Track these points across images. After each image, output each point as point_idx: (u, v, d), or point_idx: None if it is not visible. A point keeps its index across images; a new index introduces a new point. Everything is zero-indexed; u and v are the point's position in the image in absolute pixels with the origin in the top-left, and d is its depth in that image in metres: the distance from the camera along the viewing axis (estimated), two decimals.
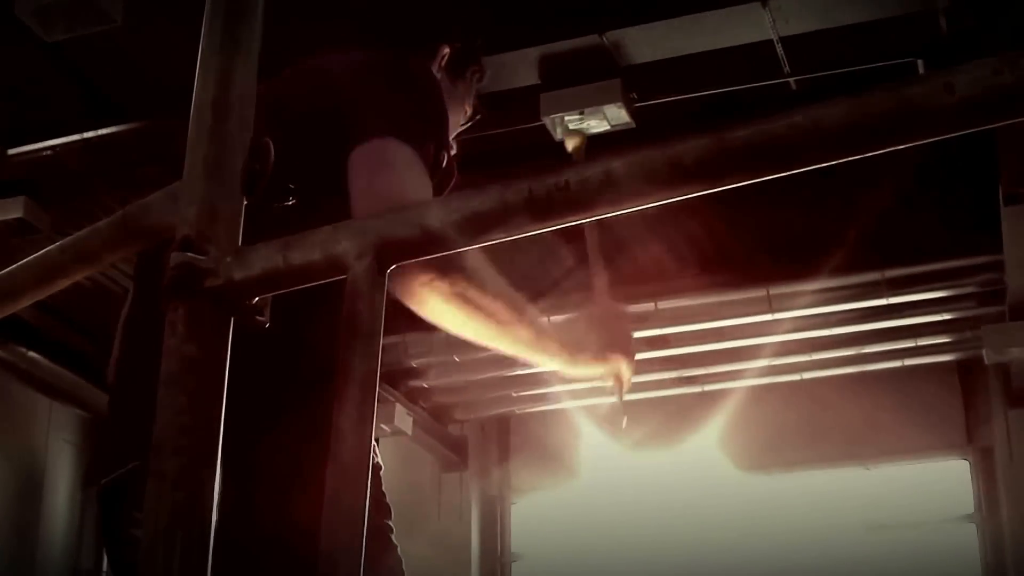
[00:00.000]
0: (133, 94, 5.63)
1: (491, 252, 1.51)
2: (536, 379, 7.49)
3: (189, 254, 1.14)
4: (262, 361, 1.60)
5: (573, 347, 2.20)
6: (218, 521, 1.14)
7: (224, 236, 1.18)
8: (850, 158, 1.00)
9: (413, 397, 7.89)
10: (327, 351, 1.19)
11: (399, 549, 2.00)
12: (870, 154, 0.99)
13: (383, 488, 2.02)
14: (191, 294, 1.13)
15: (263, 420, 1.79)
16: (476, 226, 1.07)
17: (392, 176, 1.91)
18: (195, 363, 1.11)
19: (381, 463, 2.01)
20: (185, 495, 1.09)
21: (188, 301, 1.13)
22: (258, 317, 1.15)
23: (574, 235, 2.26)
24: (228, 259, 1.16)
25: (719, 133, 1.01)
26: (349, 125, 1.97)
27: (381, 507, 1.99)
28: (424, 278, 1.90)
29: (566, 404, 7.54)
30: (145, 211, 1.30)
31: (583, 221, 1.15)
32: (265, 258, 1.15)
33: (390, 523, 2.01)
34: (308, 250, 1.13)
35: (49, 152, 5.85)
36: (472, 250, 1.78)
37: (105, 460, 1.97)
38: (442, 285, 1.91)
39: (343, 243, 1.11)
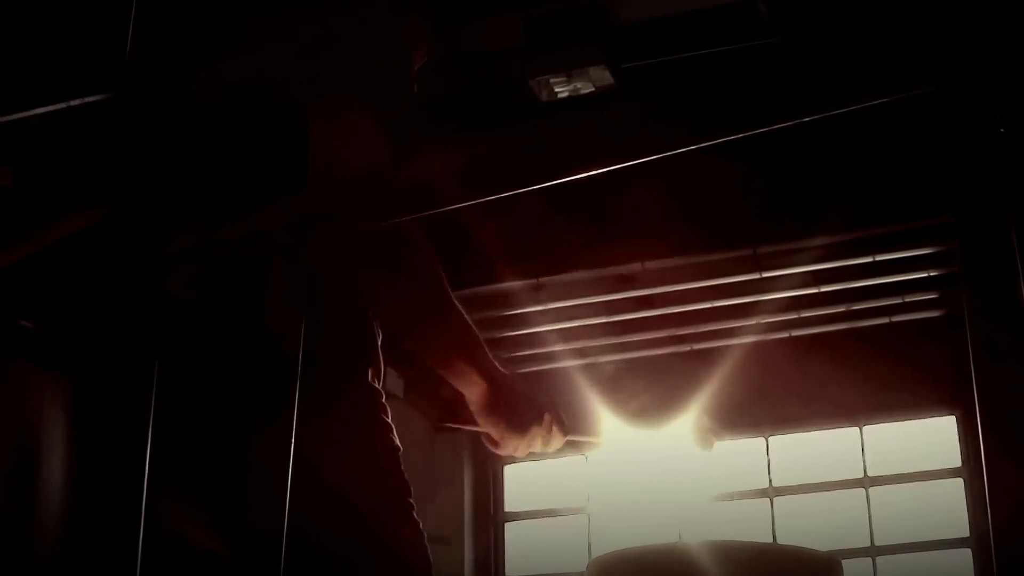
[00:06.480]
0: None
1: None
2: (527, 340, 7.52)
3: (118, 229, 1.16)
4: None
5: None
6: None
7: (155, 210, 1.19)
8: None
9: (404, 359, 7.87)
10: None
11: (421, 524, 2.08)
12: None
13: (403, 467, 2.10)
14: (120, 269, 1.15)
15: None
16: (398, 203, 1.09)
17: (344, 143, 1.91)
18: (122, 337, 1.12)
19: (400, 446, 2.09)
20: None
21: (116, 276, 1.14)
22: (187, 291, 1.17)
23: None
24: (158, 233, 1.18)
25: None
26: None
27: (401, 486, 2.07)
28: None
29: (557, 365, 7.56)
30: (83, 187, 1.32)
31: (514, 192, 1.17)
32: (195, 232, 1.17)
33: (411, 500, 2.08)
34: (235, 226, 1.15)
35: (36, 120, 5.84)
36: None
37: None
38: None
39: (269, 219, 1.13)
